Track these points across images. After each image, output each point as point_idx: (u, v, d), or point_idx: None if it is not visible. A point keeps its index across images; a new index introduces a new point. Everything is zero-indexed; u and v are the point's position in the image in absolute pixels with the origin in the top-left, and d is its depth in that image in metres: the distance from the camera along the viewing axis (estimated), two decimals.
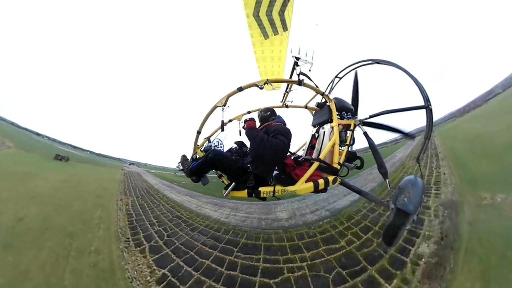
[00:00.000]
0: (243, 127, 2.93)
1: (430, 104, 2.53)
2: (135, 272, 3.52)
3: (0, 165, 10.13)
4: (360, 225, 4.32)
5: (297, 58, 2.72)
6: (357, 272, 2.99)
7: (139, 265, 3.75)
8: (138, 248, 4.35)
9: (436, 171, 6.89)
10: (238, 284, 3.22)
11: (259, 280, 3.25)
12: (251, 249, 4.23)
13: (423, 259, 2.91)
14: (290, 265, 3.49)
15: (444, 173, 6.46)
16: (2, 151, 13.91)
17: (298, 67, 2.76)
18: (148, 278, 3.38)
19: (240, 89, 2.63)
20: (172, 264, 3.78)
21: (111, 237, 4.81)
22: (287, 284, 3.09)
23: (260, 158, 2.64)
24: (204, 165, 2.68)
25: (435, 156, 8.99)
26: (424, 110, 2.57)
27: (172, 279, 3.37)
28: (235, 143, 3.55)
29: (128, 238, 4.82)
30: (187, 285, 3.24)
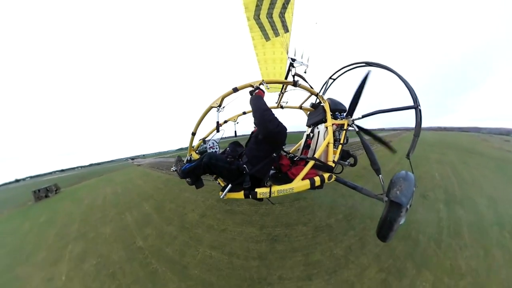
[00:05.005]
0: (251, 92, 2.67)
1: (419, 105, 2.64)
2: None
3: None
4: None
5: (293, 60, 2.74)
6: None
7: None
8: None
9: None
10: None
11: None
12: None
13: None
14: None
15: None
16: None
17: (294, 68, 2.77)
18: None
19: (235, 90, 2.60)
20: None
21: None
22: None
23: (262, 127, 2.48)
24: (198, 168, 2.59)
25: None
26: (413, 110, 2.68)
27: None
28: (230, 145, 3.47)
29: None
30: None
